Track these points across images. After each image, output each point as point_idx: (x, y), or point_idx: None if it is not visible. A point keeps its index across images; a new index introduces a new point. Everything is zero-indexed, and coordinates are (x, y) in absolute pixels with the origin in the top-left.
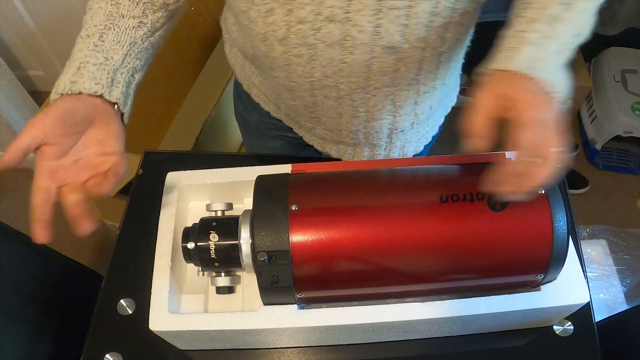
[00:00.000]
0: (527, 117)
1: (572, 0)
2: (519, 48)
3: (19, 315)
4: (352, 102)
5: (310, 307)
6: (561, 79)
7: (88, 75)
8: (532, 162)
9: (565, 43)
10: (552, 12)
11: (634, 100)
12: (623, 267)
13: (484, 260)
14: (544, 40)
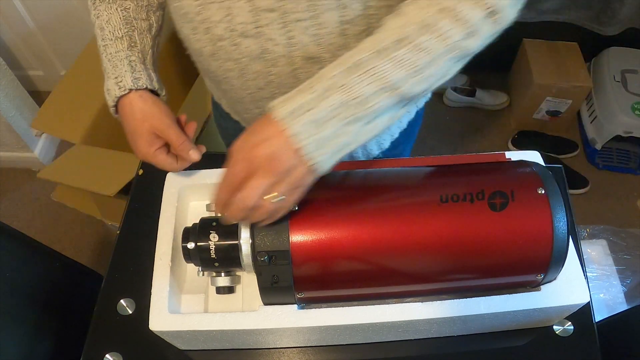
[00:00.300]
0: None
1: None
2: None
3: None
4: None
5: (310, 307)
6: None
7: (143, 72)
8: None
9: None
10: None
11: (634, 100)
12: (623, 267)
13: (484, 261)
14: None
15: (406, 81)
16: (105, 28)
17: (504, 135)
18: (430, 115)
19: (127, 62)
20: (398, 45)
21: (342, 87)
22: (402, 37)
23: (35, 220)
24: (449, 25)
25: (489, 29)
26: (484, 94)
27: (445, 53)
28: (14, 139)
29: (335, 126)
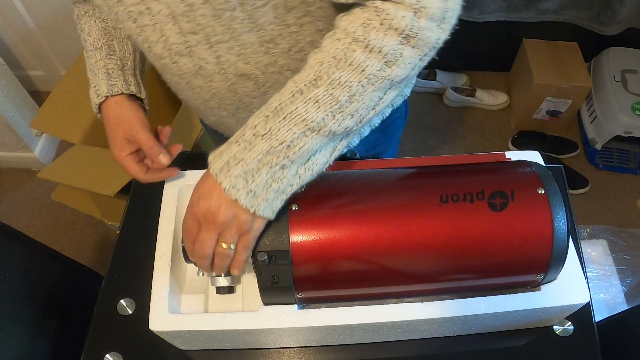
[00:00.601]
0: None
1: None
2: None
3: (19, 315)
4: (245, 117)
5: (310, 307)
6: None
7: (119, 78)
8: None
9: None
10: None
11: (634, 100)
12: (623, 267)
13: (484, 260)
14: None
15: (330, 119)
16: (87, 40)
17: (504, 135)
18: (430, 115)
19: (104, 70)
20: (315, 84)
21: (265, 136)
22: (318, 75)
23: (35, 220)
24: (363, 56)
25: (411, 54)
26: (484, 94)
27: (366, 85)
28: (14, 139)
29: (267, 174)
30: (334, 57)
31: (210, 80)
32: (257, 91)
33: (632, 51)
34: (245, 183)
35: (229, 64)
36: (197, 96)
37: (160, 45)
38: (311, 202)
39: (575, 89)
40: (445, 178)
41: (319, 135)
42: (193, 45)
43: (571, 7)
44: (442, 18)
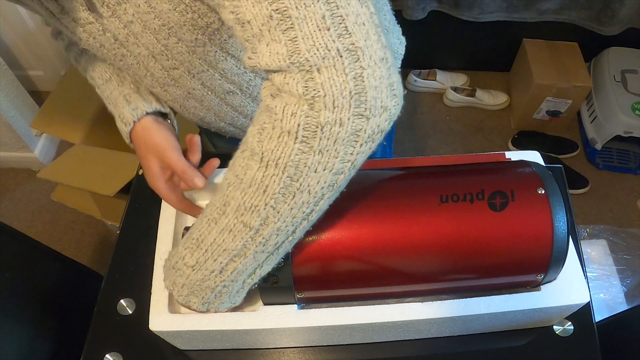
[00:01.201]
0: None
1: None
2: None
3: (19, 315)
4: (242, 122)
5: (310, 307)
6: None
7: (138, 100)
8: None
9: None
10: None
11: (634, 100)
12: (623, 267)
13: (484, 260)
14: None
15: (252, 244)
16: (94, 77)
17: (504, 135)
18: (430, 115)
19: (121, 98)
20: (224, 211)
21: (194, 267)
22: (226, 200)
23: (35, 220)
24: (260, 174)
25: (320, 160)
26: (484, 94)
27: (277, 206)
28: (14, 139)
29: (212, 292)
30: (237, 175)
31: (201, 100)
32: (246, 100)
33: (632, 51)
34: (197, 298)
35: (214, 87)
36: (193, 115)
37: (149, 79)
38: None
39: (575, 89)
40: (445, 178)
41: (247, 258)
42: (177, 77)
43: (571, 7)
44: (359, 101)
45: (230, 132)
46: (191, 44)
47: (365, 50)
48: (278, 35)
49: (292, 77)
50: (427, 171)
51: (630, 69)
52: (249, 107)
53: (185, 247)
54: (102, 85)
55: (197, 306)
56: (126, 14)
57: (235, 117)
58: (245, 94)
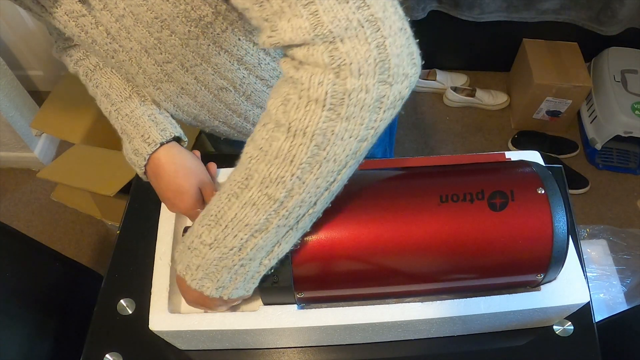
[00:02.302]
0: None
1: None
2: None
3: (19, 315)
4: (236, 125)
5: (310, 307)
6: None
7: (166, 122)
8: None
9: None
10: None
11: (634, 100)
12: (623, 267)
13: (484, 260)
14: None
15: (275, 217)
16: (110, 93)
17: (504, 135)
18: (430, 115)
19: (147, 117)
20: (247, 185)
21: (212, 245)
22: (248, 174)
23: (35, 220)
24: (287, 144)
25: (347, 128)
26: (484, 94)
27: (303, 176)
28: (14, 139)
29: (228, 273)
30: (260, 148)
31: (195, 96)
32: (240, 98)
33: (632, 51)
34: (211, 282)
35: (207, 82)
36: (187, 114)
37: (141, 76)
38: None
39: (575, 89)
40: (445, 178)
41: (269, 233)
42: (170, 72)
43: (571, 7)
44: (383, 69)
45: (224, 133)
46: (184, 37)
47: (385, 21)
48: (299, 10)
49: (316, 49)
50: (427, 171)
51: (630, 69)
52: (242, 106)
53: (202, 225)
54: (120, 103)
55: (210, 291)
56: (117, 7)
57: (229, 116)
58: (238, 92)
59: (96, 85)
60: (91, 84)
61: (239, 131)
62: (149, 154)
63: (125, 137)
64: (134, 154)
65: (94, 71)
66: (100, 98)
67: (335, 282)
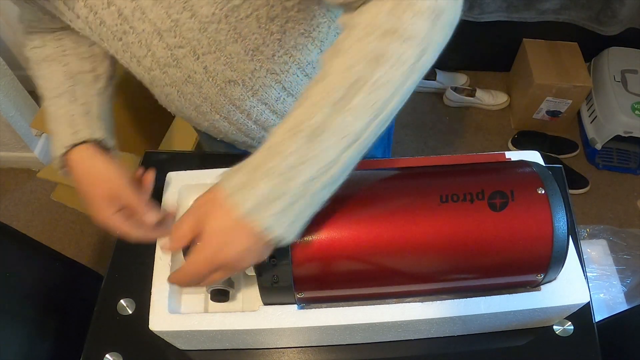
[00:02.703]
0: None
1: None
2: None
3: (19, 315)
4: (236, 120)
5: (310, 307)
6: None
7: (84, 125)
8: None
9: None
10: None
11: (634, 100)
12: (623, 267)
13: (484, 260)
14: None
15: (369, 126)
16: (46, 87)
17: (504, 135)
18: (430, 115)
19: (66, 117)
20: (352, 90)
21: (309, 161)
22: (354, 80)
23: (35, 220)
24: (400, 48)
25: (438, 37)
26: (484, 94)
27: (404, 80)
28: (14, 139)
29: (305, 202)
30: (365, 56)
31: (200, 87)
32: (246, 94)
33: (632, 51)
34: (286, 217)
35: (216, 73)
36: (189, 102)
37: (149, 59)
38: None
39: (575, 89)
40: (445, 178)
41: (358, 147)
42: (180, 57)
43: (571, 7)
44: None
45: (222, 129)
46: (205, 20)
47: None
48: None
49: None
50: (427, 171)
51: (630, 69)
52: (247, 102)
53: (291, 141)
54: (50, 100)
55: (275, 234)
56: None
57: (232, 111)
58: (246, 87)
59: (37, 76)
60: (34, 73)
61: (238, 128)
62: (57, 156)
63: (51, 133)
64: (53, 156)
65: (42, 62)
66: (39, 91)
67: (336, 282)
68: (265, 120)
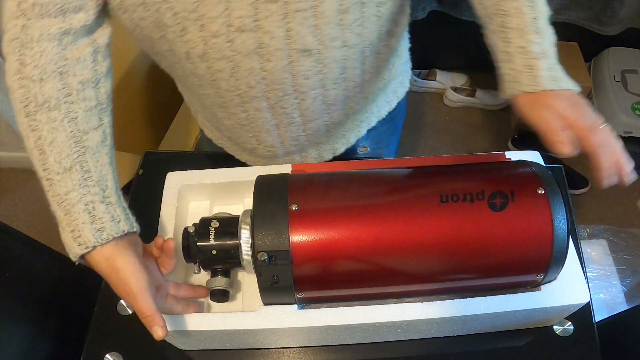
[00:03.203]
0: (587, 127)
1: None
2: (535, 66)
3: (19, 314)
4: (284, 110)
5: (310, 307)
6: (565, 77)
7: (107, 217)
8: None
9: (551, 39)
10: (530, 15)
11: (634, 100)
12: (623, 267)
13: (484, 260)
14: (545, 50)
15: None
16: (47, 152)
17: (504, 135)
18: (430, 115)
19: (82, 207)
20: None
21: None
22: None
23: (35, 220)
24: None
25: None
26: (484, 94)
27: None
28: (14, 139)
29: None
30: None
31: (267, 59)
32: (313, 70)
33: (632, 51)
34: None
35: (296, 38)
36: (239, 84)
37: (220, 21)
38: (311, 202)
39: None
40: (445, 178)
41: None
42: (263, 17)
43: (571, 7)
44: None
45: (249, 127)
46: None
47: None
48: None
49: None
50: (427, 171)
51: (630, 69)
52: (310, 81)
53: (533, 37)
54: (56, 175)
55: (557, 83)
56: None
57: (287, 95)
58: (316, 60)
59: (33, 128)
60: (29, 123)
61: (275, 124)
62: (78, 255)
63: (58, 220)
64: (65, 244)
65: (38, 111)
66: (31, 151)
67: (336, 282)
68: (312, 112)
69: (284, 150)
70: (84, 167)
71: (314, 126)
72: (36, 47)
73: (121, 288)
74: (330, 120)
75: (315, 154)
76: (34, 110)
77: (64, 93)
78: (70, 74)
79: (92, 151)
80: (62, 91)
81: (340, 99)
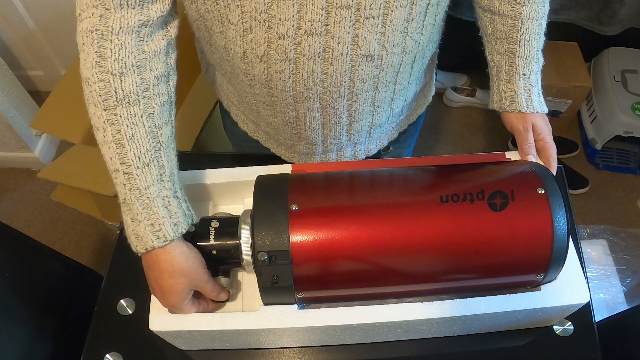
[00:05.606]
0: (549, 142)
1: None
2: (531, 91)
3: (19, 315)
4: (334, 111)
5: (310, 307)
6: (544, 101)
7: (180, 212)
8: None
9: (542, 64)
10: (536, 48)
11: (634, 100)
12: (623, 267)
13: (484, 260)
14: (539, 78)
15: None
16: (126, 146)
17: (504, 135)
18: (430, 115)
19: (161, 202)
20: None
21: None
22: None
23: (35, 220)
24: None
25: None
26: (484, 94)
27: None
28: (14, 139)
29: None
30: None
31: (330, 63)
32: (371, 74)
33: (632, 51)
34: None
35: (362, 44)
36: (296, 85)
37: (289, 24)
38: (311, 202)
39: (575, 89)
40: (446, 178)
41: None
42: (334, 22)
43: (571, 7)
44: None
45: (292, 127)
46: None
47: None
48: None
49: None
50: (427, 171)
51: (630, 69)
52: (366, 84)
53: (524, 67)
54: (136, 169)
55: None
56: None
57: (341, 97)
58: (377, 66)
59: (112, 122)
60: (106, 117)
61: (322, 123)
62: (154, 248)
63: (127, 209)
64: (134, 237)
65: (117, 105)
66: (107, 144)
67: (336, 282)
68: (360, 113)
69: (323, 148)
70: (159, 161)
71: (358, 127)
72: (116, 40)
73: (191, 277)
74: (373, 122)
75: (350, 153)
76: (113, 105)
77: (142, 88)
78: (147, 68)
79: (165, 146)
80: (141, 86)
81: (387, 101)
